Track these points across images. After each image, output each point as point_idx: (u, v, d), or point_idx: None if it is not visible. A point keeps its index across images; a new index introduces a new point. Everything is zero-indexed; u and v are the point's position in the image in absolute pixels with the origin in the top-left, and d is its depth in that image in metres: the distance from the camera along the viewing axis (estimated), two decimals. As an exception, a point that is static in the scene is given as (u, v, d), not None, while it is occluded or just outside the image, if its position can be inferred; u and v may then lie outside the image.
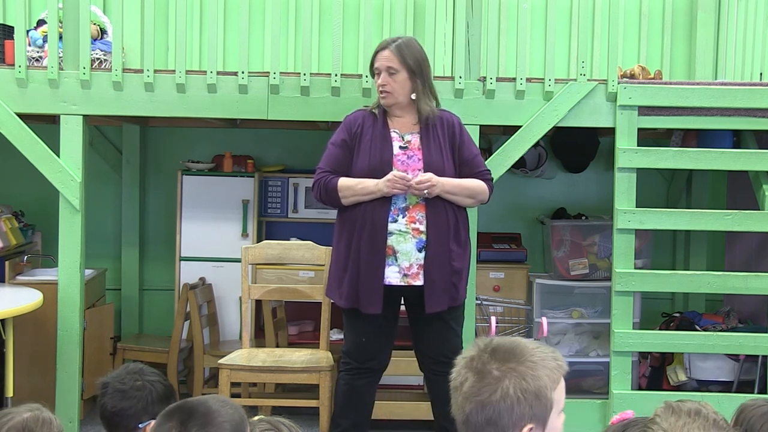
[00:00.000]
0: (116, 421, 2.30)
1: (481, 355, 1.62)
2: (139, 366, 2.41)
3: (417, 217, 3.42)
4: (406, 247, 3.40)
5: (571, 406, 4.19)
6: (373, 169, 3.41)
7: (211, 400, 1.80)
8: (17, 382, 3.83)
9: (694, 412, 1.67)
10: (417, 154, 3.47)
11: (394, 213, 3.41)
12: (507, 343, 1.63)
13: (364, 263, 3.39)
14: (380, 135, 3.48)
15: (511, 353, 1.60)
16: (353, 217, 3.44)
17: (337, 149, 3.50)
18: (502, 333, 4.52)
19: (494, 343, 1.64)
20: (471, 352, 1.64)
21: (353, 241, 3.42)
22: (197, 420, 1.72)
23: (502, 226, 5.23)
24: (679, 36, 5.00)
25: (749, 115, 4.15)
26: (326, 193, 3.45)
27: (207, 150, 5.26)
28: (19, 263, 4.57)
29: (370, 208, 3.40)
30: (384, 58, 3.47)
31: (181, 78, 4.03)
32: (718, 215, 4.16)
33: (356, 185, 3.41)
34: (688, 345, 4.19)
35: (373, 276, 3.38)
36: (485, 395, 1.57)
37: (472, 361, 1.62)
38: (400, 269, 3.40)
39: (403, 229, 3.40)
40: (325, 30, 4.70)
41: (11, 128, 4.01)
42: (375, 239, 3.38)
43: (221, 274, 4.94)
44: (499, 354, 1.61)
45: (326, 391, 3.71)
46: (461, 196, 3.48)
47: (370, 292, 3.39)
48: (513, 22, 4.61)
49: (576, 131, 4.46)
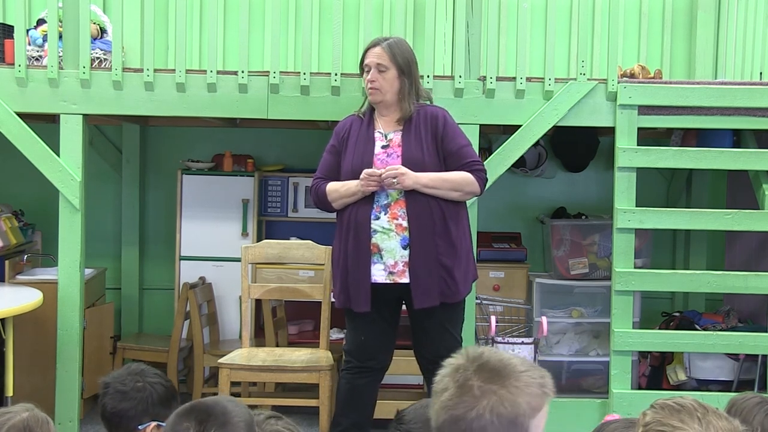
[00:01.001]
0: (116, 421, 2.29)
1: (467, 367, 1.60)
2: (141, 367, 2.40)
3: (399, 213, 3.42)
4: (390, 245, 3.41)
5: (571, 406, 4.22)
6: (356, 170, 3.44)
7: (224, 400, 1.81)
8: (17, 382, 3.83)
9: (711, 411, 1.66)
10: (397, 150, 3.49)
11: (376, 210, 3.43)
12: (495, 361, 1.61)
13: (351, 262, 3.43)
14: (364, 136, 3.53)
15: (497, 373, 1.58)
16: (342, 219, 3.52)
17: (328, 155, 3.60)
18: (502, 333, 4.53)
19: (483, 358, 1.61)
20: (459, 361, 1.62)
21: (342, 242, 3.49)
22: (216, 420, 1.73)
23: (502, 225, 5.24)
24: (679, 35, 5.00)
25: (749, 114, 4.15)
26: (318, 199, 3.57)
27: (207, 149, 5.26)
28: (19, 262, 4.57)
29: (354, 209, 3.45)
30: (374, 55, 3.50)
31: (181, 77, 4.03)
32: (718, 215, 4.16)
33: (340, 188, 3.48)
34: (688, 344, 4.19)
35: (360, 274, 3.42)
36: (461, 411, 1.55)
37: (456, 371, 1.60)
38: (385, 267, 3.42)
39: (386, 226, 3.41)
40: (325, 29, 4.70)
41: (11, 127, 4.01)
42: (359, 238, 3.42)
43: (221, 273, 4.94)
44: (484, 371, 1.58)
45: (326, 390, 3.71)
46: (444, 190, 3.42)
47: (357, 290, 3.43)
48: (513, 21, 4.61)
49: (576, 131, 4.46)
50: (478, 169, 3.50)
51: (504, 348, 4.25)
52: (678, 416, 1.65)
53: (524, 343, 4.28)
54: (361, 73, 3.59)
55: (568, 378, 4.74)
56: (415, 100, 3.54)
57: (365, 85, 3.54)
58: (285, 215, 5.08)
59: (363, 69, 3.56)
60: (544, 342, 4.57)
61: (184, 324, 4.72)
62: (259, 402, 4.24)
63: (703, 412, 1.65)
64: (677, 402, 1.69)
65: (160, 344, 4.79)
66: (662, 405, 1.70)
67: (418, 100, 3.57)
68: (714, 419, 1.63)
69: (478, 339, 4.30)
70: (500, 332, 4.48)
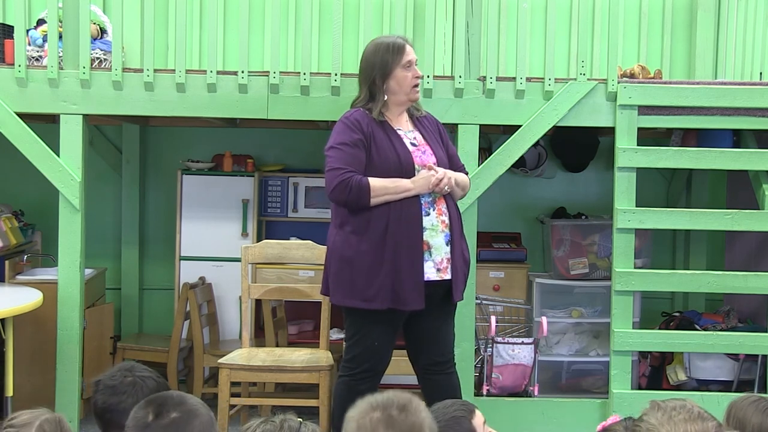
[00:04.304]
0: (107, 417, 2.28)
1: (375, 416, 1.66)
2: (131, 363, 2.41)
3: (443, 210, 3.44)
4: (438, 242, 3.39)
5: (571, 406, 4.22)
6: (400, 166, 3.38)
7: (183, 393, 1.97)
8: (17, 382, 3.83)
9: (680, 407, 1.71)
10: (427, 149, 3.49)
11: (425, 207, 3.40)
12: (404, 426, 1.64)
13: (404, 260, 3.33)
14: (392, 133, 3.46)
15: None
16: (379, 216, 3.34)
17: (355, 149, 3.37)
18: (502, 333, 4.53)
19: (391, 418, 1.65)
20: (371, 407, 1.67)
21: (387, 240, 3.33)
22: (174, 405, 1.88)
23: (502, 225, 5.24)
24: (679, 35, 5.00)
25: (749, 114, 4.15)
26: (357, 193, 3.31)
27: (207, 149, 5.26)
28: (19, 263, 4.57)
29: (399, 205, 3.35)
30: (413, 52, 3.49)
31: (180, 77, 4.03)
32: (718, 215, 4.16)
33: (390, 184, 3.34)
34: (688, 344, 4.19)
35: (414, 272, 3.34)
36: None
37: (363, 416, 1.66)
38: (434, 264, 3.39)
39: (435, 222, 3.40)
40: (324, 29, 4.70)
41: (11, 128, 4.01)
42: (412, 234, 3.35)
43: (221, 273, 4.94)
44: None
45: (326, 390, 3.71)
46: (460, 188, 3.53)
47: (412, 288, 3.33)
48: (513, 21, 4.61)
49: (576, 131, 4.46)
50: (467, 174, 3.66)
51: (504, 348, 4.25)
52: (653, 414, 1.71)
53: (524, 343, 4.28)
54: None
55: (568, 378, 4.74)
56: None
57: (407, 82, 3.44)
58: (285, 215, 5.07)
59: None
60: (544, 342, 4.57)
61: (184, 324, 4.72)
62: (259, 402, 4.25)
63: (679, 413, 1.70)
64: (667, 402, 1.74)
65: (160, 344, 4.79)
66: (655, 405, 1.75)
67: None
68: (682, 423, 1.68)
69: (478, 339, 4.30)
70: (500, 332, 4.48)
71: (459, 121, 4.10)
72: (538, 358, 4.33)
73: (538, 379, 4.37)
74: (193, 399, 1.97)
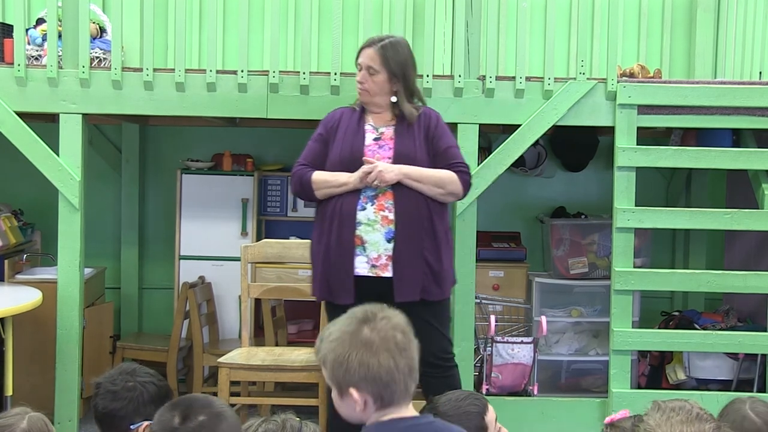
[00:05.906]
0: (108, 422, 2.28)
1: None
2: (133, 366, 2.38)
3: (386, 205, 3.38)
4: (374, 237, 3.36)
5: (571, 405, 4.22)
6: (345, 160, 3.42)
7: (209, 396, 1.95)
8: (17, 381, 3.83)
9: (678, 408, 1.72)
10: (389, 143, 3.46)
11: (362, 201, 3.39)
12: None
13: (334, 254, 3.38)
14: (354, 128, 3.49)
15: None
16: (325, 210, 3.44)
17: (315, 143, 3.54)
18: (501, 332, 4.52)
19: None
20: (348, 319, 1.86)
21: (324, 233, 3.42)
22: (201, 408, 1.87)
23: (502, 224, 5.23)
24: (679, 35, 5.00)
25: (748, 113, 4.15)
26: (301, 187, 3.48)
27: (206, 149, 5.26)
28: (19, 262, 4.57)
29: (340, 199, 3.40)
30: (367, 56, 3.47)
31: (180, 77, 4.03)
32: (718, 214, 4.17)
33: (329, 177, 3.42)
34: (688, 344, 4.19)
35: (343, 266, 3.37)
36: None
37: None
38: (368, 260, 3.37)
39: (372, 218, 3.37)
40: (324, 29, 4.70)
41: (10, 127, 4.01)
42: (343, 229, 3.37)
43: (220, 272, 4.94)
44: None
45: (325, 390, 3.71)
46: (428, 185, 3.39)
47: (340, 282, 3.38)
48: (512, 20, 4.60)
49: (575, 130, 4.46)
50: (463, 171, 3.46)
51: (503, 347, 4.25)
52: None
53: (524, 343, 4.28)
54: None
55: (567, 377, 4.74)
56: (411, 101, 3.51)
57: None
58: (284, 215, 5.07)
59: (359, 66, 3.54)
60: (543, 341, 4.58)
61: (183, 323, 4.72)
62: (258, 402, 4.25)
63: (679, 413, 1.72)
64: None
65: (160, 344, 4.79)
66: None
67: (421, 101, 3.57)
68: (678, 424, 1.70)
69: (477, 338, 4.30)
70: (500, 332, 4.48)
71: (458, 121, 4.09)
72: (537, 358, 4.33)
73: (537, 378, 4.37)
74: (218, 401, 1.96)
